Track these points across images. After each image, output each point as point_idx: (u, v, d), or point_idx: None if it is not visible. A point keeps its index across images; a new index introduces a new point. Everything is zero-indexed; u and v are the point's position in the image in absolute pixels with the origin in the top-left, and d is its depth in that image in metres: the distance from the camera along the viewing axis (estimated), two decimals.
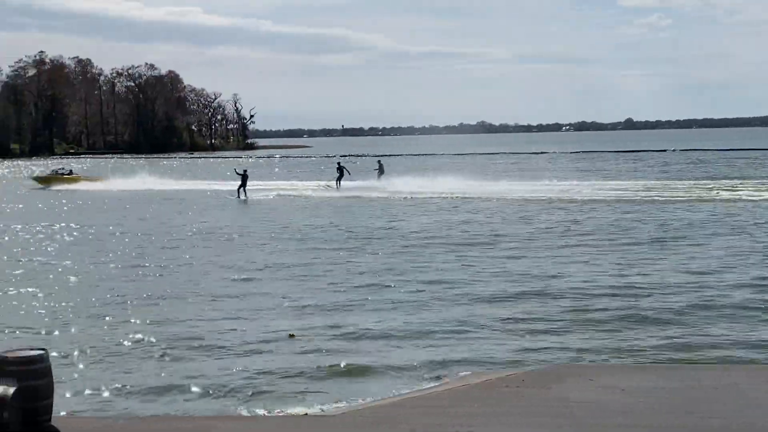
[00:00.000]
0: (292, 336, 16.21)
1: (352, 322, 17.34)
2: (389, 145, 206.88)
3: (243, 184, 54.12)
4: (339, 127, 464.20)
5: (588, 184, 58.45)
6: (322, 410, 11.56)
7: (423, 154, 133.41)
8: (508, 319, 17.47)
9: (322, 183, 62.85)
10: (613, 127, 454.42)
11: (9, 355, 9.33)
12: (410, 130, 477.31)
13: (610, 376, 12.09)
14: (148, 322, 17.67)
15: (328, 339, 16.02)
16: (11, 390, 8.70)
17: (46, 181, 69.77)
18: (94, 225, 37.65)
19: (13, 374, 9.00)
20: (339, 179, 59.91)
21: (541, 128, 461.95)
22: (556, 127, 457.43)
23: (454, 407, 10.45)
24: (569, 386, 11.36)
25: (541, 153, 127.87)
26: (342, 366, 14.21)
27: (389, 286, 21.19)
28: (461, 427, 9.57)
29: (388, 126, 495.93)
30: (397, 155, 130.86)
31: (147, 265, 25.56)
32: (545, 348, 15.29)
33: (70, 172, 71.79)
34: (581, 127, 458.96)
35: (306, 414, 11.24)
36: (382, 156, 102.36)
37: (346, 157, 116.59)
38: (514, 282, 21.52)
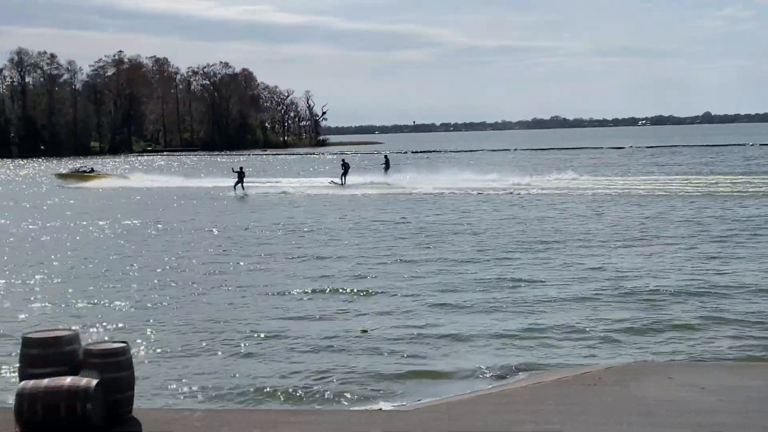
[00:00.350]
0: (365, 331, 16.27)
1: (430, 319, 17.34)
2: (461, 141, 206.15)
3: (240, 181, 57.39)
4: (410, 123, 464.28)
5: (668, 178, 57.52)
6: (396, 405, 11.58)
7: (494, 150, 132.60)
8: (586, 317, 17.27)
9: (328, 180, 63.72)
10: (691, 121, 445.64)
11: (92, 347, 9.55)
12: (482, 126, 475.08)
13: (689, 374, 11.85)
14: (225, 315, 17.92)
15: (402, 335, 16.02)
16: (94, 382, 8.90)
17: (67, 177, 73.14)
18: (162, 221, 38.34)
19: (96, 366, 9.22)
20: (344, 175, 60.92)
21: (616, 123, 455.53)
22: (632, 122, 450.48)
23: (530, 405, 10.36)
24: (647, 384, 11.17)
25: (617, 148, 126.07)
26: (417, 362, 14.21)
27: (464, 283, 21.15)
28: (537, 425, 9.48)
29: (459, 122, 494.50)
30: (468, 151, 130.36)
31: (235, 261, 25.94)
32: (621, 346, 15.07)
33: (92, 170, 75.15)
34: (658, 121, 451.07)
35: (380, 409, 11.27)
36: (458, 151, 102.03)
37: (417, 153, 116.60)
38: (590, 279, 21.27)
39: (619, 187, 51.58)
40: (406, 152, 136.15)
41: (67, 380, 8.92)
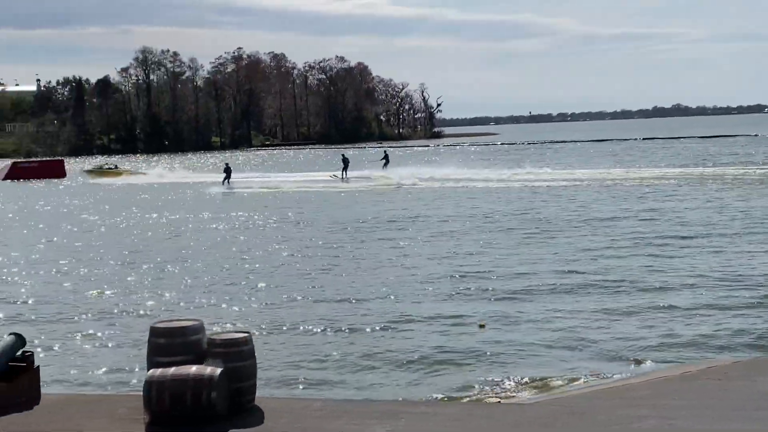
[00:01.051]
0: (482, 326, 16.14)
1: (546, 309, 17.14)
2: (578, 131, 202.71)
3: (228, 177, 61.54)
4: (526, 113, 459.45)
5: None
6: (515, 399, 11.47)
7: (611, 140, 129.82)
8: (709, 305, 16.78)
9: (329, 174, 64.86)
10: None
11: (216, 337, 9.80)
12: (601, 115, 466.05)
13: None
14: (344, 308, 18.13)
15: (521, 329, 15.87)
16: (218, 371, 9.13)
17: (94, 174, 78.57)
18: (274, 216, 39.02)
19: (220, 356, 9.45)
20: (344, 170, 62.94)
21: (741, 110, 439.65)
22: (758, 109, 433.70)
23: (654, 399, 10.10)
24: None
25: (742, 135, 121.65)
26: (534, 355, 14.05)
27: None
28: (661, 420, 9.23)
29: (577, 111, 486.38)
30: (584, 141, 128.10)
31: (349, 253, 26.23)
32: (748, 339, 14.56)
33: (116, 167, 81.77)
34: None
35: (499, 402, 11.19)
36: (575, 141, 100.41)
37: (534, 144, 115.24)
38: (714, 271, 20.67)
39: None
40: (522, 143, 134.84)
41: (193, 369, 9.17)
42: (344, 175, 62.18)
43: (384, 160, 68.71)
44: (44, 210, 47.06)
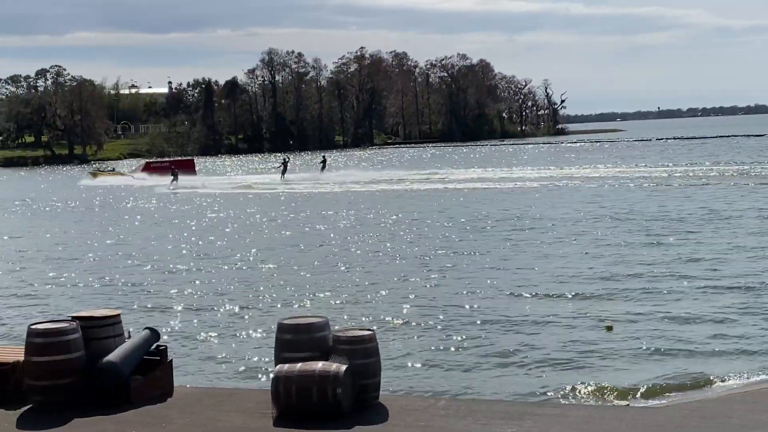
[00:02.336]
0: (609, 328, 15.79)
1: (676, 315, 16.67)
2: (710, 127, 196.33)
3: (175, 178, 67.01)
4: (654, 109, 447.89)
5: None
6: (644, 402, 11.19)
7: (743, 135, 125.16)
8: None
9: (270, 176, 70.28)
10: None
11: (341, 334, 9.90)
12: (732, 111, 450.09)
13: None
14: (467, 308, 18.07)
15: (651, 333, 15.44)
16: (343, 367, 9.21)
17: (94, 175, 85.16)
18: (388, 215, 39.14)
19: (345, 352, 9.54)
20: (283, 172, 68.42)
21: None
22: None
23: None
24: None
25: None
26: (664, 360, 13.68)
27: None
28: None
29: (708, 106, 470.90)
30: (718, 137, 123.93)
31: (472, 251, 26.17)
32: None
33: (113, 169, 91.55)
34: None
35: (627, 405, 10.93)
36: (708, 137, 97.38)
37: (662, 141, 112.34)
38: None
39: None
40: (650, 139, 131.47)
41: (319, 365, 9.28)
42: (282, 178, 67.41)
43: (322, 164, 74.47)
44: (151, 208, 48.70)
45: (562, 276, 20.98)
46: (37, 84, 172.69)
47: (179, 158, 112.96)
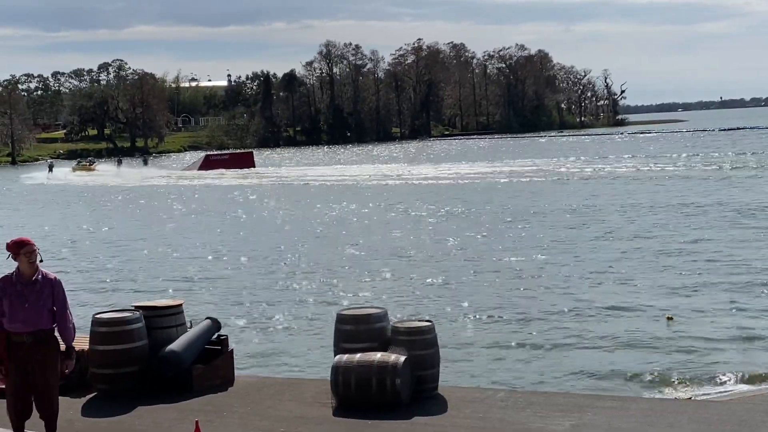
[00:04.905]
0: (670, 319, 15.62)
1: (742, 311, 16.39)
2: None
3: (51, 170, 77.43)
4: (716, 99, 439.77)
5: None
6: (707, 396, 11.03)
7: None
8: None
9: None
10: None
11: (399, 325, 9.92)
12: None
13: None
14: (530, 302, 17.99)
15: (712, 326, 15.21)
16: (402, 358, 9.23)
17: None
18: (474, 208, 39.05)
19: (403, 343, 9.55)
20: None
21: None
22: None
23: None
24: None
25: None
26: (726, 353, 13.46)
27: None
28: None
29: None
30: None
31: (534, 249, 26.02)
32: None
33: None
34: None
35: (690, 398, 10.79)
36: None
37: (725, 131, 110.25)
38: None
39: None
40: (713, 130, 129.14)
41: (378, 356, 9.31)
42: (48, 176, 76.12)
43: (117, 162, 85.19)
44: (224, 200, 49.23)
45: (619, 267, 20.75)
46: (100, 78, 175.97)
47: (238, 151, 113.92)
